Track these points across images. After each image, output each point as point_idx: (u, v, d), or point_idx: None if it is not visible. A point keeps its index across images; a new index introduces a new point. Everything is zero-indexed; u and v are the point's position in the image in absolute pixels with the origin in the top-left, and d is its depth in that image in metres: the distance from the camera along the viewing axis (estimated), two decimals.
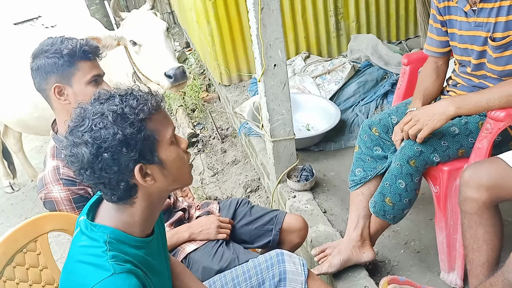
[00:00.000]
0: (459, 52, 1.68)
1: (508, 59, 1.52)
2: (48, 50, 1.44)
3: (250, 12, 2.01)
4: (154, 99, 0.99)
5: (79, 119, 0.95)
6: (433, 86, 1.78)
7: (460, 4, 1.59)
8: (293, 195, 2.32)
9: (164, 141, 1.00)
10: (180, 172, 1.04)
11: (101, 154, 0.91)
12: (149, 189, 1.00)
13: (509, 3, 1.45)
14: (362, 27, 3.87)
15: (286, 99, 2.22)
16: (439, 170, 1.61)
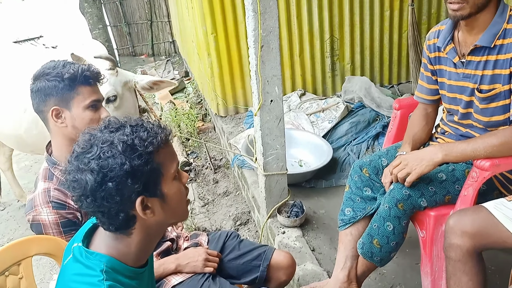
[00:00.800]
0: (448, 100, 1.75)
1: (494, 111, 1.59)
2: (50, 73, 1.46)
3: (251, 49, 2.08)
4: (164, 132, 0.99)
5: (87, 146, 0.93)
6: (422, 131, 1.84)
7: (449, 55, 1.67)
8: (283, 231, 2.32)
9: (168, 175, 0.99)
10: (178, 207, 1.04)
11: (106, 183, 0.90)
12: (147, 221, 0.99)
13: (495, 58, 1.53)
14: (357, 69, 3.99)
15: (281, 134, 2.26)
16: (426, 215, 1.65)
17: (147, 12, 9.06)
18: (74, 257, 1.00)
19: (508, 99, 1.54)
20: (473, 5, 1.48)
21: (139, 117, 1.02)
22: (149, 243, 1.05)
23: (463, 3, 1.48)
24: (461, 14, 1.50)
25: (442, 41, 1.67)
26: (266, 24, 2.00)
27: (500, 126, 1.61)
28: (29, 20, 17.42)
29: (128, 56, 9.53)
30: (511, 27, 1.49)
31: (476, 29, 1.56)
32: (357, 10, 3.78)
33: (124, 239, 1.00)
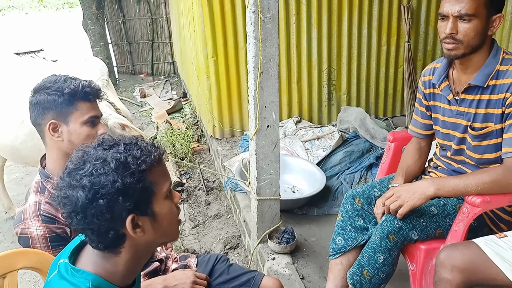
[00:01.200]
0: (441, 136, 1.79)
1: (486, 149, 1.62)
2: (50, 87, 1.47)
3: (250, 74, 2.12)
4: (157, 151, 0.99)
5: (80, 162, 0.93)
6: (415, 165, 1.87)
7: (444, 92, 1.71)
8: (273, 257, 2.31)
9: (160, 194, 0.98)
10: (169, 227, 1.03)
11: (97, 200, 0.90)
12: (137, 240, 0.98)
13: (487, 97, 1.57)
14: (353, 100, 4.06)
15: (276, 160, 2.28)
16: (417, 248, 1.65)
17: (149, 32, 9.19)
18: (59, 274, 0.98)
19: (500, 138, 1.58)
20: (467, 46, 1.53)
21: (134, 137, 1.02)
22: (137, 263, 1.03)
23: (457, 44, 1.53)
24: (455, 53, 1.55)
25: (437, 78, 1.72)
26: (267, 52, 2.05)
27: (492, 163, 1.64)
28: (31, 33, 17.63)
29: (127, 74, 9.61)
30: (504, 68, 1.54)
31: (470, 69, 1.61)
32: (355, 43, 3.88)
33: (112, 257, 0.99)
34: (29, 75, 2.85)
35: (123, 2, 9.14)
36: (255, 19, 1.98)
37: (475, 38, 1.51)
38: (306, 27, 3.72)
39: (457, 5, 1.49)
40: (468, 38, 1.51)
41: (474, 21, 1.49)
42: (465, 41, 1.52)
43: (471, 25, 1.49)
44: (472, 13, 1.48)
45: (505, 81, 1.52)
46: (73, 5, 28.00)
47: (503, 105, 1.53)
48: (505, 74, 1.53)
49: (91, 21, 8.02)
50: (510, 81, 1.50)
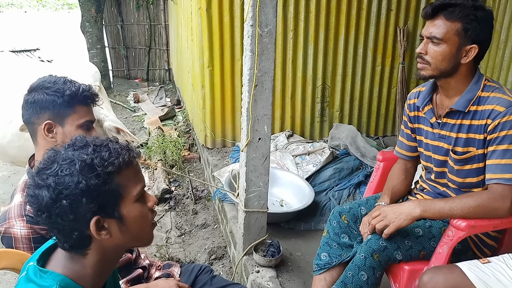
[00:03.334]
0: (425, 158, 1.82)
1: (468, 173, 1.65)
2: (50, 87, 1.47)
3: (245, 86, 2.13)
4: (128, 154, 0.98)
5: (48, 162, 0.94)
6: (400, 185, 1.89)
7: (427, 115, 1.75)
8: (257, 270, 2.30)
9: (129, 198, 0.97)
10: (140, 231, 1.01)
11: (60, 200, 0.89)
12: (103, 243, 0.97)
13: (469, 123, 1.61)
14: (345, 117, 4.10)
15: (265, 173, 2.28)
16: (401, 268, 1.66)
17: (147, 38, 9.22)
18: (27, 276, 0.97)
19: (481, 163, 1.61)
20: (435, 69, 1.58)
21: (108, 138, 1.01)
22: (105, 266, 1.02)
23: (426, 64, 1.60)
24: (423, 74, 1.62)
25: (421, 102, 1.76)
26: (262, 65, 2.06)
27: (474, 187, 1.67)
28: (28, 31, 17.56)
29: (122, 78, 9.59)
30: (485, 94, 1.58)
31: (451, 93, 1.65)
32: (350, 61, 3.93)
33: (79, 259, 0.98)
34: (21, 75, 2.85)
35: (122, 6, 9.17)
36: (253, 32, 2.00)
37: (443, 62, 1.56)
38: (303, 43, 3.77)
39: (431, 28, 1.56)
40: (435, 61, 1.56)
41: (442, 46, 1.55)
42: (433, 63, 1.57)
43: (439, 48, 1.55)
44: (441, 37, 1.54)
45: (486, 107, 1.55)
46: (73, 6, 28.00)
47: (484, 131, 1.56)
48: (486, 100, 1.56)
49: (89, 24, 8.03)
50: (491, 107, 1.53)
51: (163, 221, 3.47)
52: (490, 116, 1.53)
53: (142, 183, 1.02)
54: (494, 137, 1.53)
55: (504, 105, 1.51)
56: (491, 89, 1.57)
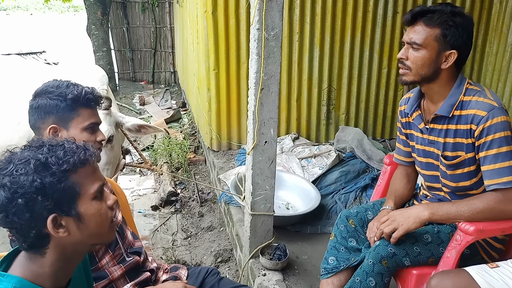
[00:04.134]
0: (419, 164, 1.83)
1: (460, 177, 1.66)
2: (53, 91, 1.48)
3: (251, 90, 2.14)
4: (84, 153, 1.00)
5: (5, 163, 0.95)
6: (403, 189, 1.89)
7: (415, 121, 1.76)
8: (264, 273, 2.30)
9: (86, 195, 0.99)
10: (99, 228, 1.03)
11: (16, 200, 0.91)
12: (62, 241, 0.98)
13: (455, 127, 1.61)
14: (351, 120, 4.09)
15: (272, 176, 2.28)
16: (409, 273, 1.66)
17: (152, 41, 9.26)
18: None
19: (473, 166, 1.61)
20: (416, 74, 1.60)
21: (65, 139, 1.03)
22: (65, 264, 1.03)
23: (407, 70, 1.62)
24: (405, 79, 1.64)
25: (410, 108, 1.78)
26: (268, 69, 2.07)
27: (467, 191, 1.67)
28: (34, 34, 17.68)
29: (128, 80, 9.64)
30: (467, 99, 1.58)
31: (435, 98, 1.66)
32: (356, 64, 3.92)
33: (38, 259, 0.99)
34: (29, 78, 2.86)
35: (128, 9, 9.21)
36: (259, 36, 2.00)
37: (423, 68, 1.58)
38: (309, 45, 3.77)
39: (411, 33, 1.58)
40: (415, 66, 1.58)
41: (422, 51, 1.57)
42: (413, 69, 1.59)
43: (419, 54, 1.57)
44: (420, 43, 1.56)
45: (469, 112, 1.56)
46: (78, 9, 28.19)
47: (471, 136, 1.57)
48: (468, 104, 1.57)
49: (95, 26, 8.07)
50: (473, 112, 1.54)
51: (169, 223, 3.48)
52: (473, 121, 1.54)
53: (100, 181, 1.04)
54: (482, 143, 1.53)
55: (485, 109, 1.52)
56: (472, 93, 1.58)
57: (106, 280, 1.56)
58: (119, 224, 1.68)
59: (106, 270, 1.57)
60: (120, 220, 1.70)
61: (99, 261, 1.55)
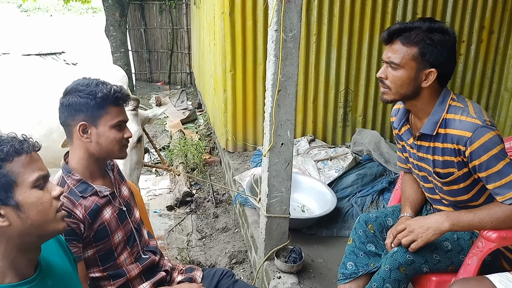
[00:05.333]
0: (416, 176, 1.80)
1: (457, 192, 1.62)
2: (83, 90, 1.50)
3: (268, 91, 2.13)
4: (18, 143, 1.03)
5: None
6: (416, 193, 1.84)
7: (404, 137, 1.73)
8: (278, 276, 2.28)
9: (23, 184, 1.01)
10: (41, 217, 1.03)
11: None
12: (5, 231, 0.99)
13: (441, 146, 1.56)
14: (368, 122, 4.04)
15: (288, 178, 2.26)
16: (428, 279, 1.62)
17: (169, 42, 9.33)
18: None
19: (468, 180, 1.58)
20: (396, 93, 1.57)
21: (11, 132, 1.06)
22: (21, 256, 1.04)
23: (386, 89, 1.58)
24: (386, 98, 1.61)
25: (398, 123, 1.75)
26: (286, 70, 2.06)
27: (468, 203, 1.63)
28: (54, 35, 18.01)
29: (144, 81, 9.73)
30: (450, 117, 1.53)
31: (420, 115, 1.62)
32: (374, 66, 3.88)
33: None
34: (49, 78, 2.91)
35: (145, 10, 9.31)
36: (277, 37, 1.99)
37: (402, 87, 1.54)
38: (326, 47, 3.74)
39: (390, 53, 1.55)
40: (395, 85, 1.55)
41: (400, 71, 1.53)
42: (393, 88, 1.56)
43: (397, 73, 1.54)
44: (398, 63, 1.53)
45: (453, 132, 1.51)
46: (97, 10, 28.61)
47: (459, 154, 1.52)
48: (452, 123, 1.52)
49: (113, 28, 8.17)
50: (457, 133, 1.50)
51: (184, 223, 3.49)
52: (459, 142, 1.50)
53: (41, 171, 1.05)
54: (478, 165, 1.48)
55: (469, 129, 1.47)
56: (455, 111, 1.53)
57: (123, 279, 1.58)
58: (137, 222, 1.70)
59: (124, 268, 1.59)
60: (138, 218, 1.72)
61: (118, 257, 1.57)
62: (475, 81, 4.12)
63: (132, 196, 1.74)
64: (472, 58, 4.03)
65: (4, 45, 12.42)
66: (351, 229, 1.87)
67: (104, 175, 1.61)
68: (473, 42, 3.98)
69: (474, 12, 3.89)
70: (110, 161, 1.69)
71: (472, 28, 3.94)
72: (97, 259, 1.52)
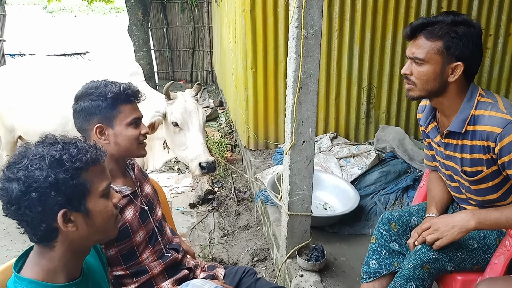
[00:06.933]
0: (443, 175, 1.75)
1: (486, 191, 1.58)
2: (93, 92, 1.52)
3: (289, 89, 2.12)
4: (95, 152, 1.05)
5: (19, 157, 0.99)
6: (442, 192, 1.80)
7: (431, 135, 1.69)
8: (301, 274, 2.28)
9: (95, 193, 1.04)
10: (104, 224, 1.07)
11: (29, 193, 0.95)
12: (70, 235, 1.02)
13: (470, 143, 1.52)
14: (392, 119, 3.98)
15: (309, 176, 2.25)
16: (453, 278, 1.59)
17: (191, 41, 9.40)
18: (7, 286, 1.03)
19: (497, 179, 1.53)
20: (422, 89, 1.53)
21: (77, 137, 1.07)
22: (73, 257, 1.07)
23: (412, 85, 1.55)
24: (411, 95, 1.57)
25: (424, 120, 1.72)
26: (307, 67, 2.04)
27: (496, 203, 1.59)
28: (79, 35, 18.39)
29: (167, 80, 9.82)
30: (479, 113, 1.49)
31: (447, 112, 1.58)
32: (398, 61, 3.81)
33: (47, 252, 1.03)
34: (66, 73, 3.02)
35: (167, 10, 9.40)
36: (298, 34, 1.98)
37: (428, 83, 1.51)
38: (348, 43, 3.70)
39: (413, 48, 1.52)
40: (420, 81, 1.52)
41: (425, 66, 1.50)
42: (418, 84, 1.53)
43: (422, 69, 1.51)
44: (422, 58, 1.49)
45: (482, 128, 1.47)
46: (120, 10, 29.04)
47: (488, 151, 1.48)
48: (481, 120, 1.48)
49: (136, 27, 8.27)
50: (487, 129, 1.45)
51: (206, 221, 3.52)
52: (489, 139, 1.45)
53: (108, 180, 1.09)
54: (507, 161, 1.44)
55: (499, 125, 1.42)
56: (484, 107, 1.49)
57: (146, 276, 1.60)
58: (159, 220, 1.72)
59: (147, 266, 1.61)
60: (160, 217, 1.73)
61: (140, 256, 1.59)
62: (503, 76, 4.00)
63: (155, 194, 1.76)
64: (500, 52, 3.92)
65: (31, 46, 12.76)
66: (374, 227, 1.85)
67: (125, 175, 1.63)
68: (500, 35, 3.87)
69: (502, 5, 3.78)
70: (130, 160, 1.72)
71: (499, 21, 3.83)
72: (120, 258, 1.55)
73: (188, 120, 2.55)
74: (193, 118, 2.57)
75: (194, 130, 2.55)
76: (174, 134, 2.57)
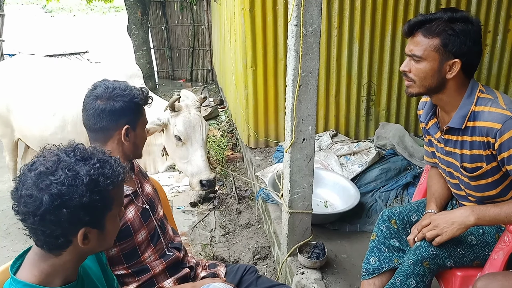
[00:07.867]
0: (442, 171, 1.76)
1: (485, 187, 1.58)
2: (124, 94, 1.53)
3: (288, 87, 2.12)
4: (123, 174, 1.04)
5: (52, 167, 0.96)
6: (442, 189, 1.81)
7: (432, 131, 1.69)
8: (302, 271, 2.29)
9: (115, 212, 1.05)
10: (112, 239, 1.10)
11: (61, 209, 0.93)
12: (80, 248, 1.02)
13: (470, 139, 1.52)
14: (392, 116, 3.99)
15: (310, 174, 2.26)
16: (453, 274, 1.60)
17: (190, 39, 9.40)
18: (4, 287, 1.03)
19: (497, 175, 1.54)
20: (421, 86, 1.54)
21: (104, 150, 1.06)
22: (74, 265, 1.07)
23: (411, 82, 1.56)
24: (411, 91, 1.59)
25: (424, 117, 1.72)
26: (307, 65, 2.05)
27: (495, 199, 1.59)
28: (78, 34, 18.38)
29: (167, 79, 9.84)
30: (479, 109, 1.49)
31: (447, 108, 1.59)
32: (397, 58, 3.81)
33: (51, 258, 1.02)
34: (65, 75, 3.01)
35: (167, 8, 9.40)
36: (297, 32, 1.98)
37: (426, 79, 1.52)
38: (348, 40, 3.70)
39: (411, 45, 1.54)
40: (419, 78, 1.53)
41: (423, 63, 1.51)
42: (417, 81, 1.54)
43: (420, 66, 1.52)
44: (420, 55, 1.51)
45: (482, 124, 1.47)
46: (119, 9, 29.03)
47: (488, 147, 1.49)
48: (481, 116, 1.48)
49: (135, 26, 8.27)
50: (487, 125, 1.46)
51: (208, 220, 3.53)
52: (489, 134, 1.46)
53: (123, 199, 1.10)
54: (507, 157, 1.45)
55: (498, 120, 1.43)
56: (484, 102, 1.49)
57: (148, 275, 1.61)
58: (161, 219, 1.73)
59: (148, 265, 1.62)
60: (161, 216, 1.74)
61: (142, 255, 1.60)
62: (502, 72, 4.00)
63: (156, 193, 1.77)
64: (499, 48, 3.92)
65: (30, 46, 12.76)
66: (375, 224, 1.86)
67: None
68: (499, 32, 3.87)
69: (501, 1, 3.78)
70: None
71: (498, 18, 3.83)
72: (121, 257, 1.55)
73: (191, 135, 2.54)
74: (197, 133, 2.56)
75: (197, 145, 2.55)
76: (176, 146, 2.58)
